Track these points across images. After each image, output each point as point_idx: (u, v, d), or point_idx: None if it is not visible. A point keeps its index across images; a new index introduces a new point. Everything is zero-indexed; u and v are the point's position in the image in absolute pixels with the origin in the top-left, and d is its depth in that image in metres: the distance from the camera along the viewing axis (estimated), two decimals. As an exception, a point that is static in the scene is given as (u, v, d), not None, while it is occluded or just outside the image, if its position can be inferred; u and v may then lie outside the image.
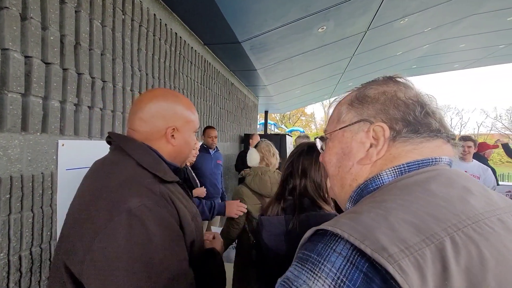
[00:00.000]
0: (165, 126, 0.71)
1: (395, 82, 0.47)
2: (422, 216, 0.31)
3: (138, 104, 0.72)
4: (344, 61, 4.73)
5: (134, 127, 0.71)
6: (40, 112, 1.19)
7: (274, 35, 2.96)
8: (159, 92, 0.75)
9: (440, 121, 0.44)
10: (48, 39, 1.22)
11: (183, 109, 0.75)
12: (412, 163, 0.41)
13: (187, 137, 0.77)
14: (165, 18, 2.22)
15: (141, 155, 0.66)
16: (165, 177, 0.66)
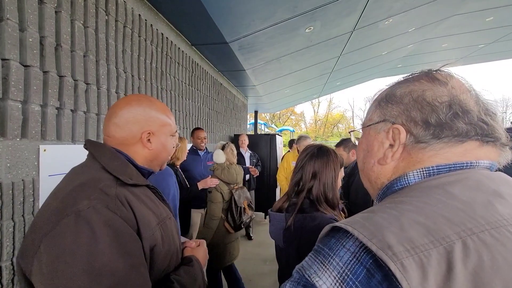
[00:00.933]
0: (140, 131, 0.72)
1: (430, 79, 0.44)
2: (436, 218, 0.31)
3: (113, 111, 0.73)
4: (332, 60, 4.79)
5: (109, 134, 0.72)
6: (19, 116, 1.15)
7: (262, 36, 2.96)
8: (133, 98, 0.75)
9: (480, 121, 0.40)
10: (26, 40, 1.18)
11: (158, 113, 0.76)
12: (443, 166, 0.40)
13: (164, 140, 0.78)
14: (150, 19, 2.18)
15: (107, 159, 0.67)
16: (129, 180, 0.66)
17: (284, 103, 8.82)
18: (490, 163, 0.41)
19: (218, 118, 4.17)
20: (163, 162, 0.82)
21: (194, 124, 3.16)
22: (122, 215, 0.59)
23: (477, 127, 0.40)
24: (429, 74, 0.45)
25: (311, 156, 1.11)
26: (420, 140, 0.41)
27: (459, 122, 0.40)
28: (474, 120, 0.40)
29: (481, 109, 0.41)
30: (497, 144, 0.41)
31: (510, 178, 0.39)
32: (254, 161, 3.89)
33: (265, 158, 4.59)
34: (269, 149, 4.64)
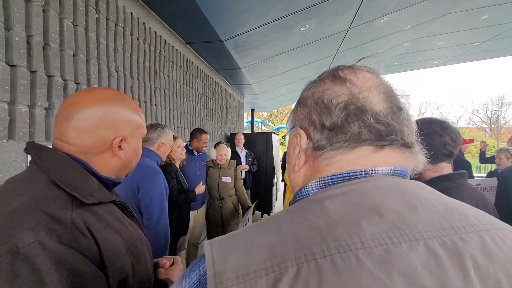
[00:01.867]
0: (111, 137, 0.59)
1: (332, 78, 0.40)
2: (288, 239, 0.28)
3: (71, 109, 0.56)
4: (328, 59, 4.78)
5: (68, 140, 0.56)
6: (5, 117, 1.12)
7: (257, 34, 2.94)
8: (100, 94, 0.60)
9: (376, 122, 0.35)
10: (12, 40, 1.15)
11: (132, 113, 0.63)
12: (337, 176, 0.36)
13: (136, 145, 0.67)
14: (143, 17, 2.15)
15: (58, 170, 0.52)
16: (88, 198, 0.52)
17: (281, 102, 8.80)
18: (392, 169, 0.36)
19: (214, 117, 4.15)
20: (132, 169, 0.70)
21: (189, 124, 3.14)
22: (80, 247, 0.47)
23: (372, 129, 0.36)
24: (332, 72, 0.41)
25: None
26: (318, 145, 0.38)
27: (353, 125, 0.36)
28: (369, 121, 0.36)
29: (393, 106, 0.37)
30: (399, 147, 0.37)
31: (414, 187, 0.34)
32: (250, 160, 3.87)
33: (261, 156, 4.58)
34: (265, 148, 4.63)
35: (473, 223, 0.30)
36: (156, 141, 1.63)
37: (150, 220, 1.44)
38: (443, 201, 0.33)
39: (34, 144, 0.57)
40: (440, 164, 0.96)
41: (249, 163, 3.83)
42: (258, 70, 4.38)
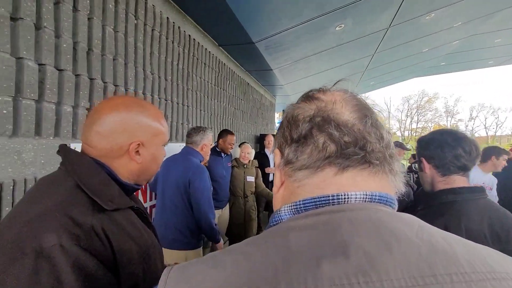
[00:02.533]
0: (128, 142, 0.62)
1: (305, 99, 0.40)
2: (239, 278, 0.26)
3: (95, 115, 0.61)
4: (365, 59, 4.54)
5: (91, 143, 0.61)
6: (53, 117, 1.24)
7: (289, 35, 2.90)
8: (120, 102, 0.64)
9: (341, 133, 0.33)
10: (61, 46, 1.27)
11: (150, 120, 0.66)
12: (309, 201, 0.33)
13: (155, 151, 0.68)
14: (178, 21, 2.24)
15: (84, 175, 0.56)
16: (108, 204, 0.55)
17: (314, 103, 8.59)
18: (368, 194, 0.31)
19: (244, 117, 4.19)
20: (152, 176, 0.73)
21: (219, 124, 3.21)
22: (96, 252, 0.49)
23: (336, 142, 0.33)
24: (304, 95, 0.42)
25: None
26: (287, 160, 0.37)
27: (317, 136, 0.34)
28: (333, 131, 0.33)
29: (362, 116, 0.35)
30: (366, 166, 0.32)
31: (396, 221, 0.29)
32: (278, 162, 3.83)
33: (290, 159, 4.51)
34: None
35: (463, 270, 0.24)
36: (200, 143, 1.88)
37: (200, 212, 1.69)
38: (430, 239, 0.27)
39: (65, 147, 0.62)
40: (452, 176, 0.94)
41: (277, 165, 3.79)
42: (291, 71, 4.32)
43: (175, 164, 1.79)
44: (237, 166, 2.81)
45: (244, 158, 2.83)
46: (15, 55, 1.09)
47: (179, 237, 1.73)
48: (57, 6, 1.26)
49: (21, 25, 1.10)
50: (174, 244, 1.73)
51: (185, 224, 1.74)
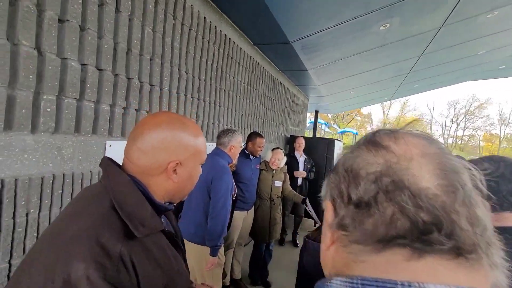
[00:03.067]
0: (167, 160, 0.61)
1: (369, 143, 0.32)
2: None
3: (138, 131, 0.61)
4: (410, 60, 4.19)
5: (131, 158, 0.61)
6: (91, 115, 1.29)
7: (327, 35, 2.75)
8: (164, 119, 0.63)
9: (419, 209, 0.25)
10: (102, 47, 1.31)
11: (191, 138, 0.65)
12: (370, 283, 0.26)
13: (192, 170, 0.67)
14: (215, 21, 2.23)
15: (120, 194, 0.55)
16: (139, 230, 0.53)
17: (348, 105, 8.22)
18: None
19: (275, 118, 4.11)
20: (186, 195, 0.72)
21: (249, 125, 3.18)
22: (121, 283, 0.49)
23: (409, 218, 0.25)
24: (368, 137, 0.34)
25: None
26: (342, 224, 0.30)
27: (382, 206, 0.26)
28: (405, 203, 0.25)
29: (449, 185, 0.26)
30: (452, 255, 0.24)
31: None
32: (308, 167, 3.71)
33: (321, 163, 4.35)
34: (326, 155, 4.37)
35: None
36: (227, 145, 1.92)
37: (213, 209, 1.73)
38: None
39: (107, 161, 0.62)
40: (503, 213, 0.83)
41: (307, 170, 3.67)
42: (327, 72, 4.14)
43: (204, 162, 1.81)
44: (266, 170, 2.76)
45: (274, 164, 2.75)
46: (60, 55, 1.14)
47: (200, 233, 1.75)
48: (101, 8, 1.30)
49: (67, 27, 1.15)
50: (195, 239, 1.76)
51: (205, 220, 1.76)
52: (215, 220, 1.70)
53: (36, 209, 1.11)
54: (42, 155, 1.11)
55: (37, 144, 1.09)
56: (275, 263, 3.16)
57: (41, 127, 1.09)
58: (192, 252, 1.75)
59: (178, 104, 1.90)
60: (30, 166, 1.07)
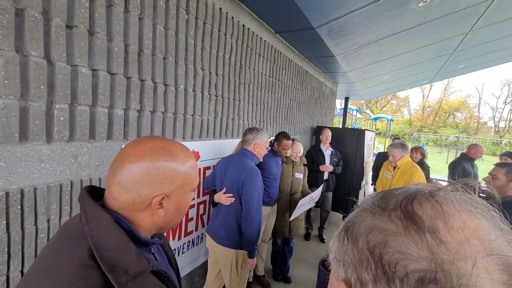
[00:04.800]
0: (151, 195, 0.55)
1: (404, 218, 0.24)
2: None
3: (119, 163, 0.55)
4: (456, 39, 3.69)
5: (112, 194, 0.55)
6: (105, 121, 1.29)
7: (357, 17, 2.49)
8: (147, 149, 0.56)
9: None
10: (113, 50, 1.28)
11: (179, 168, 0.58)
12: None
13: (180, 201, 0.60)
14: (231, 11, 2.11)
15: (100, 238, 0.49)
16: (123, 280, 0.47)
17: (382, 90, 7.64)
18: None
19: (300, 109, 3.93)
20: (176, 224, 0.66)
21: (272, 118, 3.06)
22: None
23: None
24: (404, 205, 0.25)
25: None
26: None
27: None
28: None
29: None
30: None
31: None
32: (335, 160, 3.51)
33: (349, 156, 4.11)
34: (355, 146, 4.11)
35: None
36: (251, 142, 1.86)
37: (248, 214, 1.67)
38: None
39: (85, 196, 0.56)
40: None
41: (334, 164, 3.48)
42: (356, 57, 3.82)
43: (231, 164, 1.79)
44: (286, 162, 2.68)
45: (296, 157, 2.70)
46: (70, 63, 1.13)
47: (230, 236, 1.74)
48: (109, 10, 1.26)
49: (75, 33, 1.13)
50: (225, 242, 1.75)
51: (236, 224, 1.73)
52: (252, 225, 1.66)
53: (56, 215, 1.15)
54: (59, 164, 1.13)
55: (53, 153, 1.11)
56: (298, 258, 3.10)
57: (56, 136, 1.10)
58: (222, 255, 1.76)
59: (195, 102, 1.85)
60: (48, 175, 1.10)
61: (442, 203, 0.23)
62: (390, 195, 0.27)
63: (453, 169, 3.72)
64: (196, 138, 1.92)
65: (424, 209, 0.23)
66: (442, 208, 0.23)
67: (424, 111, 36.30)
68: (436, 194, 0.24)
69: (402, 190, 0.27)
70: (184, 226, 1.91)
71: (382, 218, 0.25)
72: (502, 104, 32.42)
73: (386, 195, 0.27)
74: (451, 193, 0.25)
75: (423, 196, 0.24)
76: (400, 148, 2.70)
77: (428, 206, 0.23)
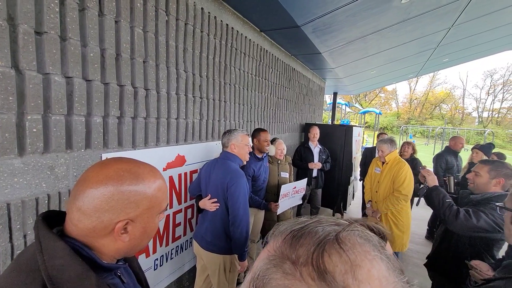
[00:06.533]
0: (114, 221, 0.52)
1: (316, 274, 0.23)
2: None
3: (80, 188, 0.52)
4: (439, 34, 3.75)
5: (72, 220, 0.52)
6: (83, 130, 1.24)
7: (341, 14, 2.48)
8: (110, 172, 0.53)
9: None
10: (88, 56, 1.23)
11: (145, 190, 0.55)
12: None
13: (147, 225, 0.57)
14: (214, 11, 2.07)
15: (56, 270, 0.45)
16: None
17: (369, 85, 7.72)
18: None
19: (288, 106, 3.93)
20: (143, 247, 0.62)
21: (260, 117, 3.05)
22: None
23: None
24: (317, 260, 0.24)
25: None
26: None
27: None
28: None
29: None
30: None
31: None
32: (323, 158, 3.54)
33: (338, 152, 4.15)
34: (343, 142, 4.15)
35: None
36: (228, 145, 1.83)
37: (235, 217, 1.65)
38: None
39: (40, 224, 0.51)
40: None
41: (322, 161, 3.51)
42: (343, 53, 3.83)
43: (215, 168, 1.77)
44: (271, 162, 2.69)
45: (280, 155, 2.71)
46: (41, 71, 1.08)
47: (216, 242, 1.71)
48: (82, 14, 1.21)
49: (45, 39, 1.08)
50: (211, 248, 1.73)
51: (222, 229, 1.71)
52: (240, 228, 1.63)
53: (33, 230, 1.10)
54: (34, 177, 1.09)
55: (27, 166, 1.06)
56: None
57: (29, 149, 1.06)
58: (209, 260, 1.75)
59: (179, 106, 1.81)
60: (22, 189, 1.05)
61: (348, 251, 0.24)
62: (301, 236, 0.27)
63: (436, 162, 3.81)
64: (182, 142, 1.89)
65: (335, 263, 0.23)
66: (349, 258, 0.23)
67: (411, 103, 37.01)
68: (342, 240, 0.25)
69: (310, 230, 0.27)
70: (172, 231, 1.88)
71: (294, 277, 0.24)
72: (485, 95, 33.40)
73: (297, 235, 0.27)
74: (352, 235, 0.26)
75: (331, 245, 0.24)
76: (388, 143, 2.74)
77: (337, 258, 0.23)
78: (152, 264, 1.73)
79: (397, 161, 2.68)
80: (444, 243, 1.65)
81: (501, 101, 31.79)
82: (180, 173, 1.90)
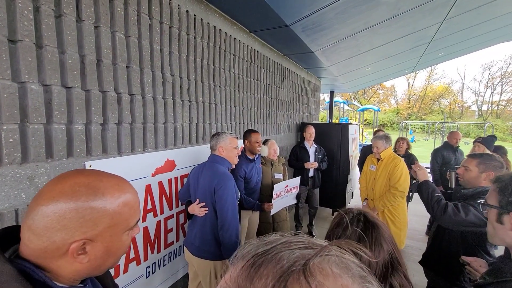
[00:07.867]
0: (67, 241, 0.48)
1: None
2: None
3: (32, 205, 0.48)
4: (431, 28, 3.72)
5: (23, 240, 0.48)
6: (63, 138, 1.22)
7: (330, 12, 2.46)
8: (66, 187, 0.49)
9: None
10: (66, 63, 1.21)
11: (105, 208, 0.51)
12: None
13: (112, 243, 0.53)
14: (200, 13, 2.05)
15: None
16: None
17: (365, 82, 7.70)
18: None
19: (283, 107, 3.90)
20: (112, 266, 0.57)
21: (252, 118, 3.02)
22: None
23: None
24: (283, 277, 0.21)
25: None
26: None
27: None
28: None
29: None
30: None
31: None
32: (319, 157, 3.51)
33: (335, 150, 4.12)
34: (340, 140, 4.12)
35: None
36: (216, 148, 1.80)
37: (224, 221, 1.61)
38: None
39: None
40: None
41: (318, 160, 3.48)
42: (335, 51, 3.81)
43: (203, 171, 1.73)
44: (264, 164, 2.65)
45: (274, 155, 2.67)
46: (16, 80, 1.06)
47: (206, 247, 1.68)
48: (59, 20, 1.19)
49: (20, 47, 1.06)
50: (202, 254, 1.69)
51: (212, 235, 1.68)
52: (229, 232, 1.60)
53: (14, 243, 1.08)
54: (12, 188, 1.06)
55: (4, 178, 1.04)
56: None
57: (6, 160, 1.03)
58: (199, 266, 1.72)
59: (166, 110, 1.79)
60: (0, 201, 1.03)
61: (317, 285, 0.19)
62: (261, 264, 0.22)
63: (433, 157, 3.78)
64: (171, 146, 1.87)
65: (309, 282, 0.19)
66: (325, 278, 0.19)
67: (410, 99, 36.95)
68: (311, 270, 0.20)
69: (274, 256, 0.22)
70: (164, 237, 1.86)
71: None
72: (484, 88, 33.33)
73: (257, 262, 0.22)
74: (326, 262, 0.21)
75: (296, 278, 0.19)
76: (384, 140, 2.71)
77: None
78: (143, 272, 1.70)
79: (393, 158, 2.65)
80: (436, 239, 1.62)
81: (500, 93, 31.72)
82: (170, 178, 1.87)
